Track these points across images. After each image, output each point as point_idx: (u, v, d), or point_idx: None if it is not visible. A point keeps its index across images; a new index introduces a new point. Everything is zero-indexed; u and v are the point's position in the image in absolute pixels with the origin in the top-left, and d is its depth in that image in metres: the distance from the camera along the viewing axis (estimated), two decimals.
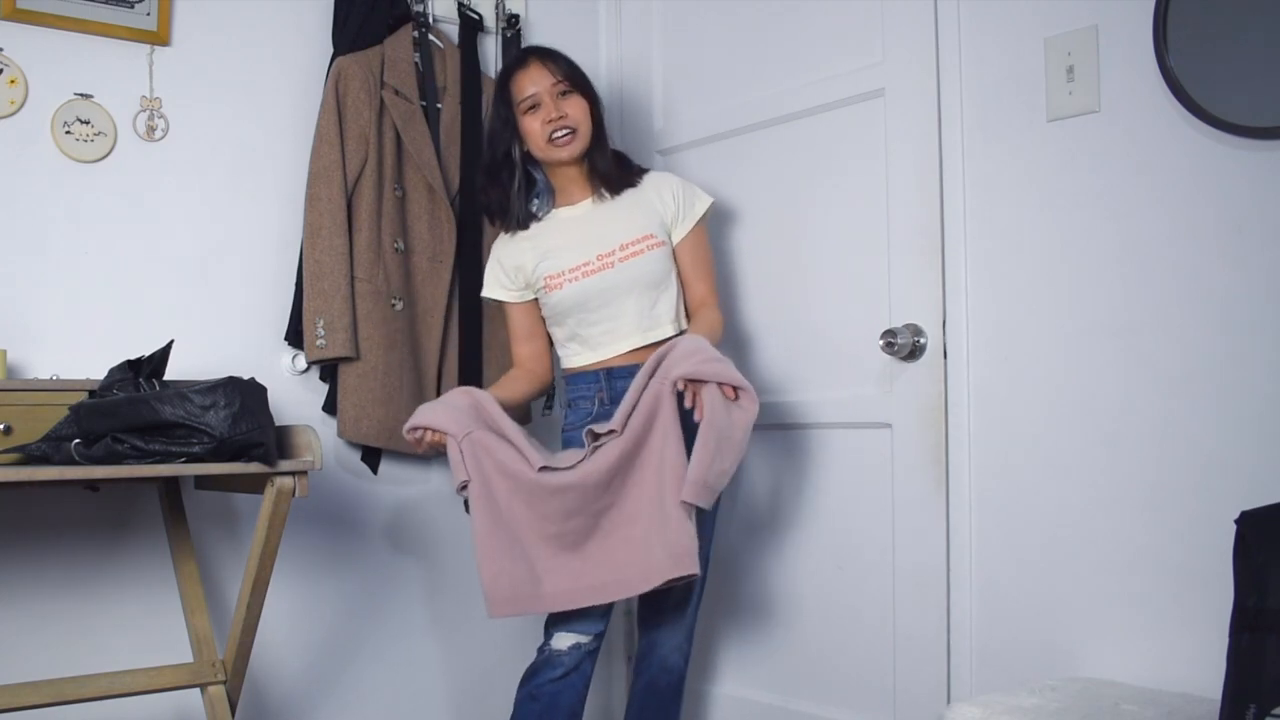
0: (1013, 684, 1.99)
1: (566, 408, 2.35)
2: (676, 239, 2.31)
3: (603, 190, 2.32)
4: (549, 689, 2.15)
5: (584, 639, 2.17)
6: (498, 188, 2.34)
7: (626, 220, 2.28)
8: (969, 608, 2.18)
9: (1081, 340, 2.03)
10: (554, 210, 2.35)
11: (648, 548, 2.03)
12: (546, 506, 2.06)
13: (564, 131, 2.25)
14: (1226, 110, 1.81)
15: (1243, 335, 1.82)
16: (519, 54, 2.39)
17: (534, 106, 2.27)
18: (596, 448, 2.06)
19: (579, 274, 2.25)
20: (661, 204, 2.31)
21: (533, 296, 2.35)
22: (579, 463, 2.06)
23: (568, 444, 2.28)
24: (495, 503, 2.08)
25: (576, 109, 2.27)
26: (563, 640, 2.17)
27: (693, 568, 2.00)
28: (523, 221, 2.34)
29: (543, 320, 2.37)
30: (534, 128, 2.27)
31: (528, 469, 2.05)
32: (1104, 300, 2.00)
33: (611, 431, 2.05)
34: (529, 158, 2.33)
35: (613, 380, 2.26)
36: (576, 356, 2.32)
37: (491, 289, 2.38)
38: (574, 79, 2.30)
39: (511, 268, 2.34)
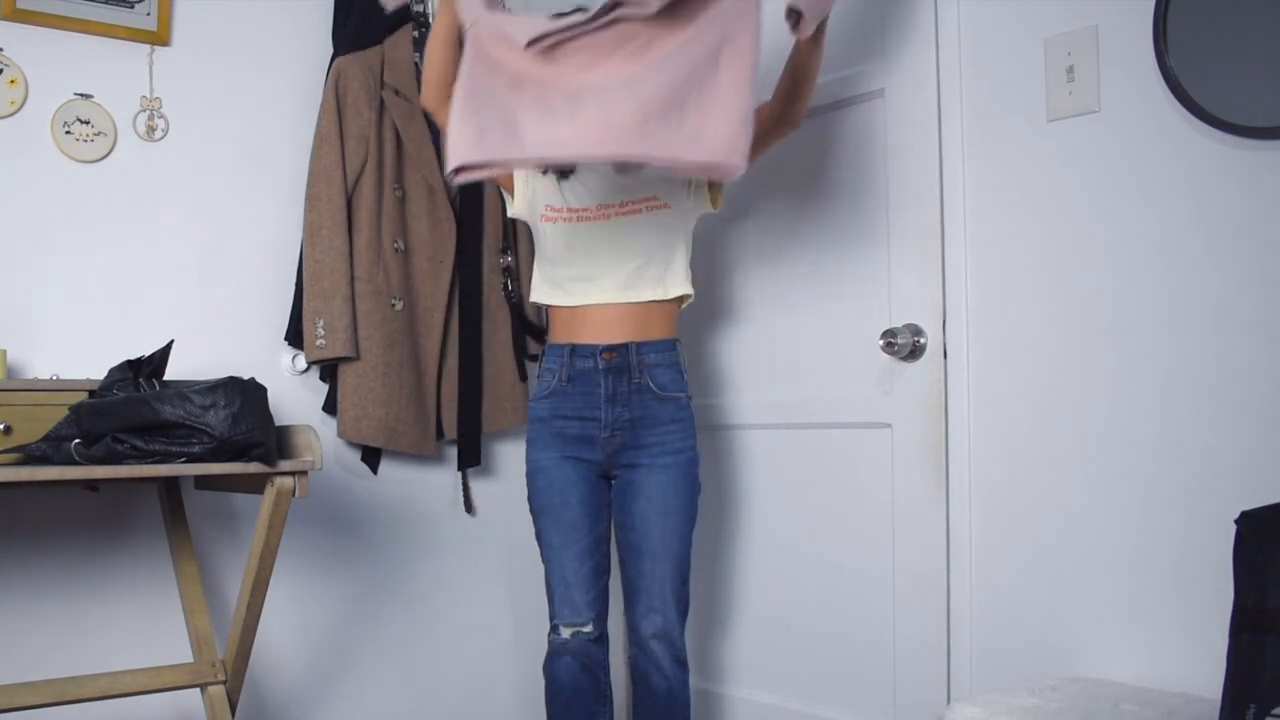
0: (1013, 684, 1.99)
1: (538, 379, 2.31)
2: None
3: None
4: (551, 670, 2.24)
5: (584, 628, 2.22)
6: None
7: (638, 178, 2.24)
8: (969, 608, 2.18)
9: (1081, 340, 2.03)
10: None
11: (681, 119, 1.77)
12: (551, 60, 1.87)
13: None
14: (1226, 110, 1.81)
15: (1242, 335, 1.82)
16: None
17: None
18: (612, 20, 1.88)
19: (574, 216, 2.23)
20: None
21: (516, 208, 2.28)
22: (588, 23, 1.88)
23: (534, 415, 2.26)
24: (486, 52, 1.91)
25: None
26: (565, 630, 2.23)
27: (740, 162, 1.74)
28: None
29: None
30: None
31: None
32: (1103, 300, 2.00)
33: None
34: None
35: (575, 358, 2.21)
36: (546, 295, 2.27)
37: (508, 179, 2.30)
38: None
39: (534, 176, 2.28)
